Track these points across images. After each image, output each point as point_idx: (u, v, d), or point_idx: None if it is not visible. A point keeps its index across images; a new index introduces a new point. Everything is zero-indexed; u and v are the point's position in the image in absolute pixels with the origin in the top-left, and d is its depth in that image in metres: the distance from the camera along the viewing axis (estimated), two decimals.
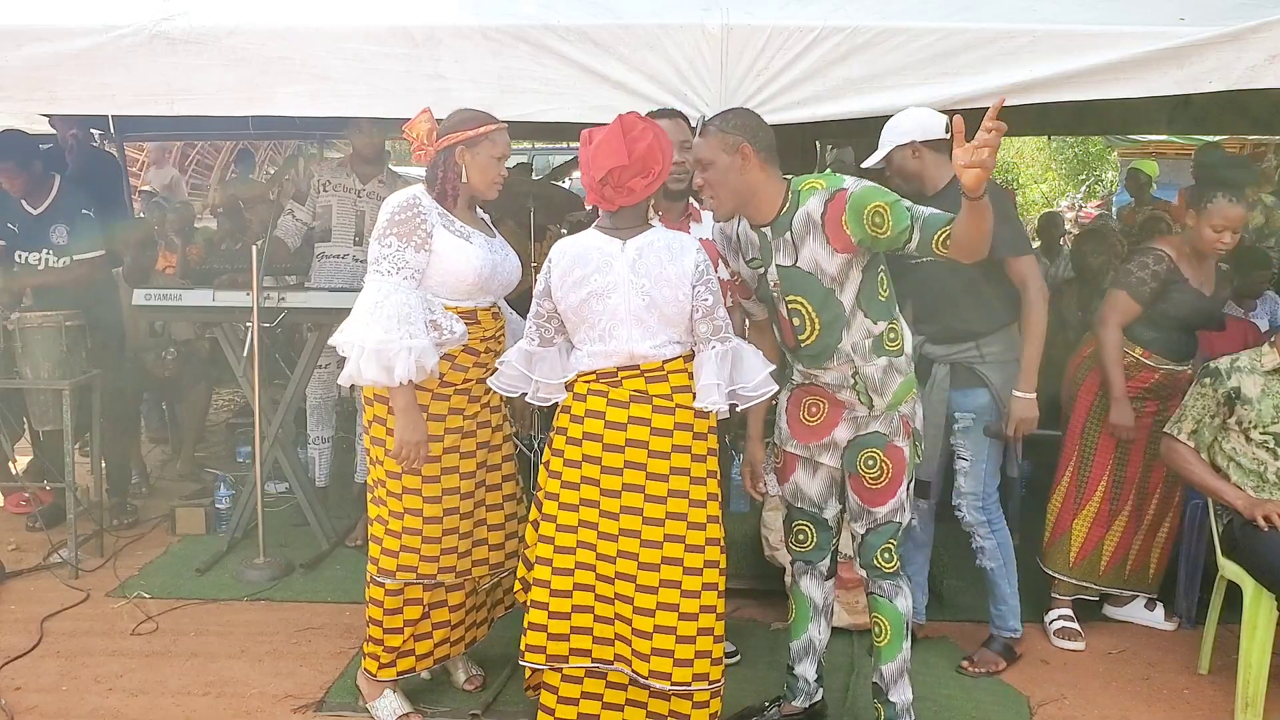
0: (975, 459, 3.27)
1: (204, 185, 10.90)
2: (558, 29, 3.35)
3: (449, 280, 2.80)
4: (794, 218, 2.59)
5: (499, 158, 2.84)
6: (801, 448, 2.83)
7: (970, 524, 3.33)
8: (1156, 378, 3.47)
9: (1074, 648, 3.54)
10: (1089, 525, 3.57)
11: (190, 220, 6.78)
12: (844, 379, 2.70)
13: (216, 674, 3.32)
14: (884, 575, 2.81)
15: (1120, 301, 3.42)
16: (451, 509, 2.92)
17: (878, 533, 2.78)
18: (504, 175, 2.89)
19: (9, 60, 3.43)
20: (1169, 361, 3.46)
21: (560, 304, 2.64)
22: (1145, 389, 3.48)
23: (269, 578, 4.02)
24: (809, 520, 2.90)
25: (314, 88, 3.41)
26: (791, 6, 3.44)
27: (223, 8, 3.48)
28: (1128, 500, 3.57)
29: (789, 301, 2.68)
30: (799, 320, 2.68)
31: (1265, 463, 3.14)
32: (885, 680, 2.83)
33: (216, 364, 5.13)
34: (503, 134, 2.87)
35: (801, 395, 2.82)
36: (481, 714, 3.08)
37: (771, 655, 3.42)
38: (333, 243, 4.41)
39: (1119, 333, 3.41)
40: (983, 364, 3.22)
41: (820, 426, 2.77)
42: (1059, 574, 3.61)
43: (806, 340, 2.69)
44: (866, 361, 2.66)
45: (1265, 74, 3.14)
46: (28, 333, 4.06)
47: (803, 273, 2.62)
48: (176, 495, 4.91)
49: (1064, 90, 3.27)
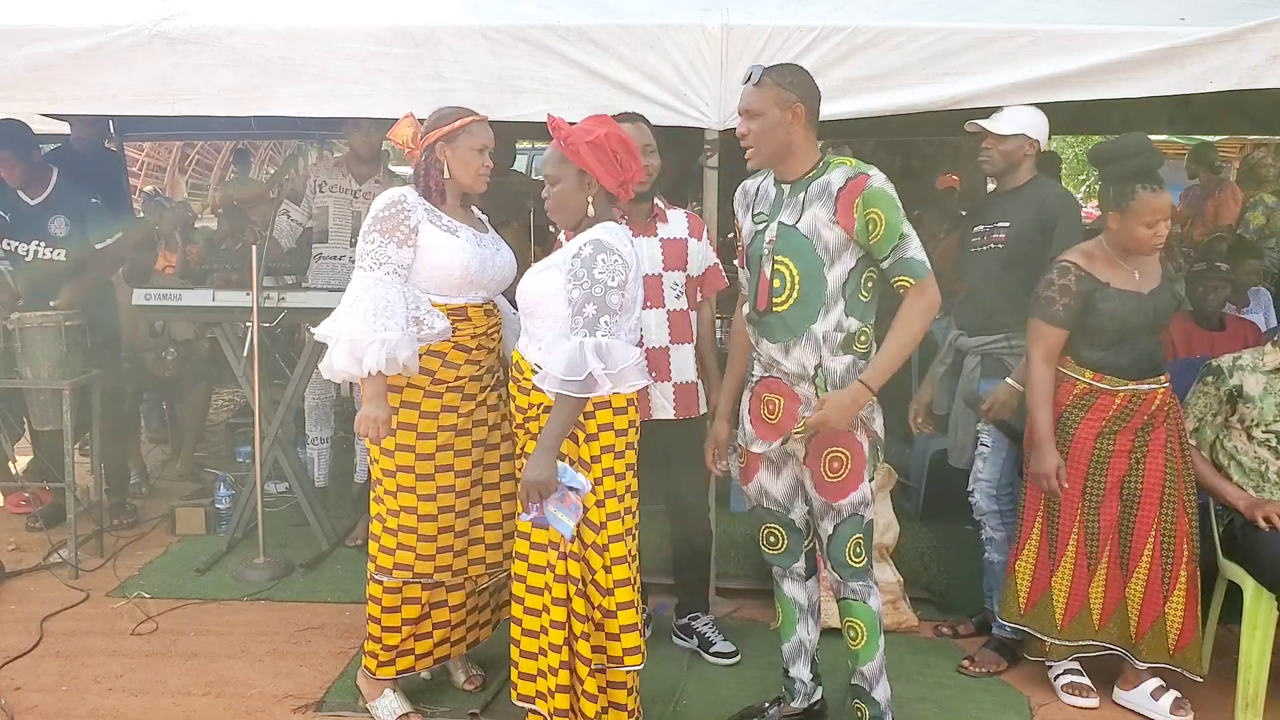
0: (996, 447, 3.31)
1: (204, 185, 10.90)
2: (558, 29, 3.35)
3: (437, 276, 2.81)
4: (815, 181, 2.63)
5: (479, 149, 2.85)
6: (767, 446, 2.78)
7: (983, 511, 3.36)
8: (1119, 402, 3.00)
9: (1086, 705, 3.17)
10: (1069, 583, 3.11)
11: (189, 220, 6.78)
12: (805, 370, 2.66)
13: (216, 674, 3.32)
14: (855, 574, 2.75)
15: (1036, 331, 3.02)
16: (447, 507, 2.92)
17: (847, 524, 2.72)
18: (488, 166, 2.89)
19: (9, 60, 3.44)
20: (1127, 381, 3.00)
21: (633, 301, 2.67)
22: (1111, 418, 3.02)
23: (269, 578, 4.02)
24: (777, 523, 2.88)
25: (314, 88, 3.41)
26: (791, 6, 3.44)
27: (223, 8, 3.48)
28: (1105, 546, 3.08)
29: (776, 260, 2.65)
30: (780, 282, 2.65)
31: (1267, 461, 3.14)
32: (867, 679, 2.83)
33: (216, 364, 5.12)
34: (481, 126, 2.87)
35: (761, 391, 2.78)
36: (481, 714, 3.07)
37: (771, 655, 3.41)
38: (330, 244, 4.41)
39: (1045, 367, 3.01)
40: (1012, 355, 3.25)
41: (782, 423, 2.74)
42: (1049, 637, 3.15)
43: (782, 305, 2.65)
44: (833, 355, 2.64)
45: (1265, 74, 3.15)
46: (27, 333, 4.06)
47: (799, 234, 2.62)
48: (176, 495, 4.91)
49: (1064, 90, 3.28)
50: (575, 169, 2.60)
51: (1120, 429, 3.03)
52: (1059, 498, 3.03)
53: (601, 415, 2.63)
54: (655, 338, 3.23)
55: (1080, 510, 3.07)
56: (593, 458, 2.63)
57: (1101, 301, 2.97)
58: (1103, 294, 2.97)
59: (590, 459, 2.63)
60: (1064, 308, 2.98)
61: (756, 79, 2.61)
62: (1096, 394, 3.02)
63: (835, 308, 2.62)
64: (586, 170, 2.58)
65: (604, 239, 2.57)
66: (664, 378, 3.26)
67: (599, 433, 2.63)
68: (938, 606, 3.77)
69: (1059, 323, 2.99)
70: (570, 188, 2.62)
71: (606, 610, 2.67)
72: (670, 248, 3.26)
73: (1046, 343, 3.01)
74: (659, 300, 3.23)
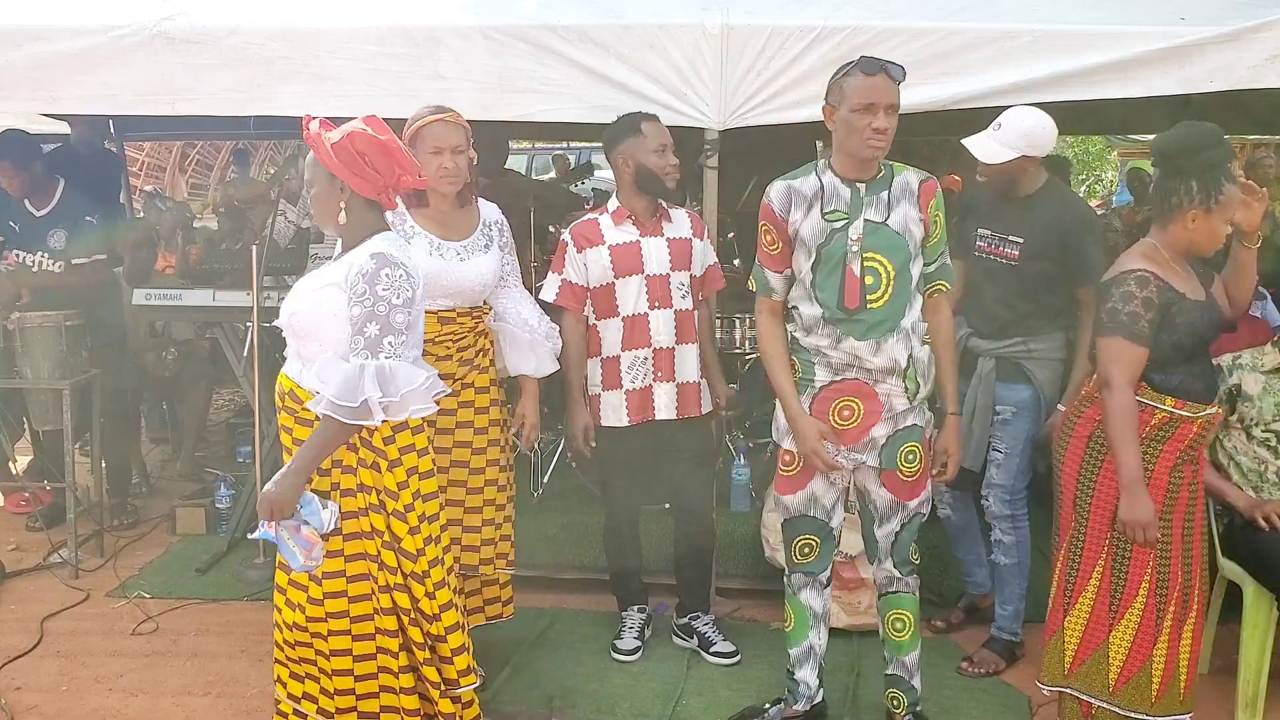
0: (1010, 453, 3.30)
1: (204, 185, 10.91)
2: (558, 29, 3.35)
3: None
4: (893, 180, 2.69)
5: (434, 151, 2.84)
6: (848, 452, 2.74)
7: (996, 516, 3.36)
8: (1194, 431, 2.66)
9: None
10: (1130, 641, 2.70)
11: (189, 220, 6.78)
12: (894, 364, 2.68)
13: (216, 674, 3.32)
14: (911, 570, 2.87)
15: (1119, 351, 2.60)
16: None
17: (909, 528, 2.82)
18: (446, 168, 2.85)
19: (9, 60, 3.44)
20: (1204, 405, 2.68)
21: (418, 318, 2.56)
22: (1183, 450, 2.66)
23: (269, 578, 4.00)
24: (816, 533, 2.86)
25: (314, 88, 3.41)
26: (791, 6, 3.44)
27: (223, 8, 3.48)
28: (1172, 597, 2.68)
29: (866, 258, 2.66)
30: (873, 279, 2.66)
31: (1266, 461, 3.14)
32: (908, 669, 2.91)
33: (216, 364, 5.13)
34: (434, 127, 2.85)
35: (831, 397, 2.73)
36: (480, 713, 3.07)
37: (771, 655, 3.42)
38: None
39: (1130, 395, 2.59)
40: (1029, 359, 3.25)
41: (857, 428, 2.73)
42: (1098, 700, 2.74)
43: (877, 301, 2.66)
44: (920, 346, 2.72)
45: (1266, 74, 3.14)
46: (28, 333, 4.06)
47: (891, 231, 2.66)
48: (176, 495, 4.90)
49: (1064, 90, 3.27)
50: (325, 172, 2.43)
51: (1187, 460, 2.69)
52: (1129, 548, 2.65)
53: (401, 438, 2.46)
54: (663, 338, 3.24)
55: (1152, 557, 2.67)
56: (399, 484, 2.46)
57: (1180, 314, 2.61)
58: (1180, 306, 2.62)
59: (397, 486, 2.46)
60: (1149, 323, 2.59)
61: (901, 77, 2.61)
62: (1176, 423, 2.65)
63: (916, 301, 2.72)
64: (335, 174, 2.41)
65: (387, 252, 2.38)
66: (668, 378, 3.26)
67: (401, 457, 2.47)
68: (937, 606, 3.76)
69: (1144, 340, 2.59)
70: (322, 191, 2.45)
71: (436, 636, 2.53)
72: (677, 247, 3.27)
73: (1133, 365, 2.60)
74: (667, 300, 3.23)
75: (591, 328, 3.31)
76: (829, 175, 2.70)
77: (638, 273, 3.23)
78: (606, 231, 3.27)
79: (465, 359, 3.01)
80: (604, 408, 3.30)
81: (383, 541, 2.46)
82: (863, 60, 2.59)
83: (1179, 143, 2.65)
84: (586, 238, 3.27)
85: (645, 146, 3.18)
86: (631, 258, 3.23)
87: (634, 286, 3.23)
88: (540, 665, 3.36)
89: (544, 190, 5.36)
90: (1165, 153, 2.70)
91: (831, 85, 2.63)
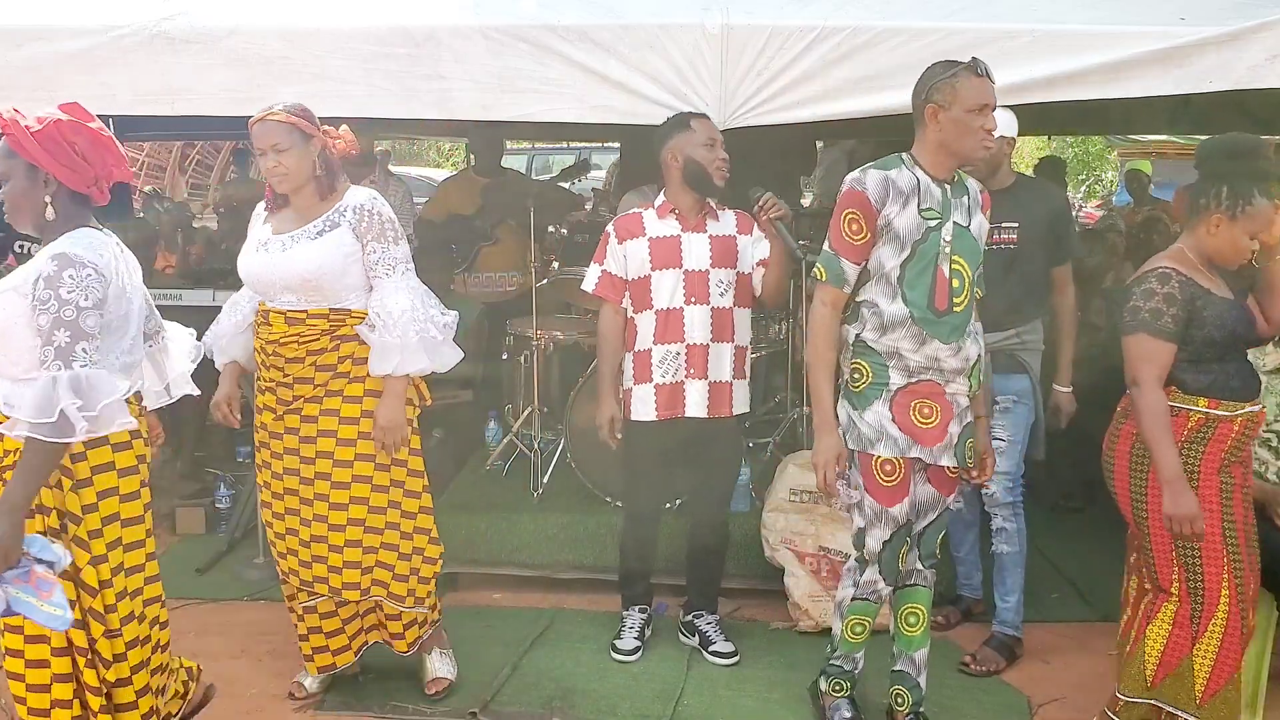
0: (1012, 440, 3.35)
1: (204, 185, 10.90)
2: (558, 29, 3.35)
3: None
4: (967, 185, 2.75)
5: (259, 151, 2.84)
6: (925, 452, 2.70)
7: (999, 503, 3.39)
8: (1237, 429, 2.63)
9: None
10: (1217, 648, 2.65)
11: (189, 220, 6.78)
12: (968, 364, 2.73)
13: (216, 674, 3.30)
14: (934, 563, 2.90)
15: (1145, 348, 2.60)
16: (265, 503, 3.04)
17: (939, 522, 2.88)
18: (270, 167, 2.80)
19: (9, 60, 3.43)
20: (1243, 402, 2.64)
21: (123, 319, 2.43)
22: (1228, 450, 2.63)
23: (269, 577, 4.00)
24: (908, 537, 2.80)
25: (314, 88, 3.40)
26: (791, 6, 3.44)
27: (223, 7, 3.48)
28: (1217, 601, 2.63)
29: (954, 261, 2.67)
30: (958, 282, 2.68)
31: (1266, 462, 3.14)
32: (917, 665, 2.91)
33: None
34: (254, 129, 2.82)
35: (907, 399, 2.69)
36: (480, 713, 3.07)
37: (771, 655, 3.42)
38: None
39: (1160, 391, 2.59)
40: (1024, 350, 3.35)
41: (937, 427, 2.71)
42: (1183, 712, 2.67)
43: (960, 304, 2.68)
44: (978, 344, 2.77)
45: (1266, 74, 3.14)
46: None
47: (972, 236, 2.72)
48: (176, 495, 4.90)
49: (1064, 90, 3.27)
50: (24, 164, 2.23)
51: (1235, 460, 2.66)
52: (1196, 548, 2.62)
53: (97, 455, 2.26)
54: (698, 334, 3.24)
55: (1226, 558, 2.62)
56: (85, 507, 2.25)
57: (1208, 310, 2.61)
58: (1206, 300, 2.62)
59: (82, 509, 2.25)
60: (1173, 319, 2.59)
61: (993, 80, 2.65)
62: (1214, 423, 2.62)
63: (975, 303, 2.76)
64: (37, 165, 2.23)
65: (70, 251, 2.18)
66: (700, 375, 3.25)
67: (93, 476, 2.26)
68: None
69: (1171, 336, 2.60)
70: (20, 186, 2.25)
71: (113, 682, 2.33)
72: (720, 244, 3.26)
73: (1159, 362, 2.60)
74: (704, 297, 3.23)
75: (630, 320, 3.32)
76: (920, 172, 2.67)
77: (675, 267, 3.23)
78: (649, 224, 3.28)
79: (324, 364, 2.85)
80: (634, 401, 3.30)
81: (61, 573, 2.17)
82: (971, 61, 2.61)
83: (1220, 147, 2.70)
84: (628, 229, 3.29)
85: (693, 141, 3.19)
86: (670, 251, 3.24)
87: (670, 280, 3.23)
88: (540, 665, 3.36)
89: (544, 190, 5.37)
90: (1205, 156, 2.73)
91: (937, 85, 2.60)
